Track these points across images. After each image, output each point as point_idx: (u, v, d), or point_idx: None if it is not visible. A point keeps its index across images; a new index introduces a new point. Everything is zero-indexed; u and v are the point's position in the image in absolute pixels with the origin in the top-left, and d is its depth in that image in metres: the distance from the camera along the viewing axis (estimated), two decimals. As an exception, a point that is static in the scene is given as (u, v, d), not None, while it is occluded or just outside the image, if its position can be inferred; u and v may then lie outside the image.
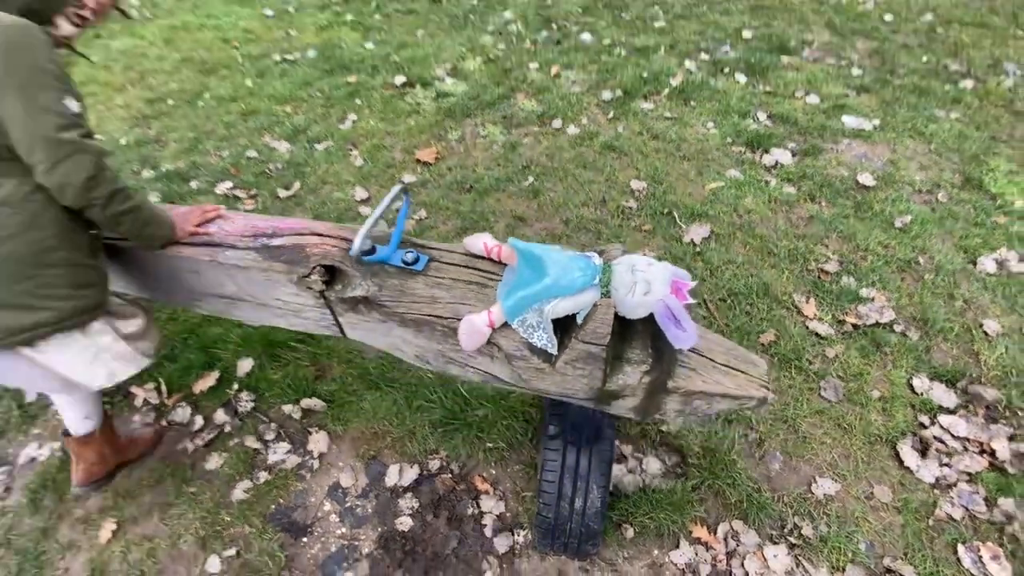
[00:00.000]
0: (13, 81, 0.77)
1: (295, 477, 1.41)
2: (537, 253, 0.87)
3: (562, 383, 0.90)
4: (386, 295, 0.96)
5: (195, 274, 1.10)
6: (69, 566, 1.28)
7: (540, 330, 0.86)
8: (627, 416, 0.98)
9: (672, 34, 3.27)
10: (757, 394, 0.90)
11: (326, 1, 3.94)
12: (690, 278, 0.84)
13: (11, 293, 0.86)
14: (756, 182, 2.21)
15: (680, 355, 0.91)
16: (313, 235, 1.03)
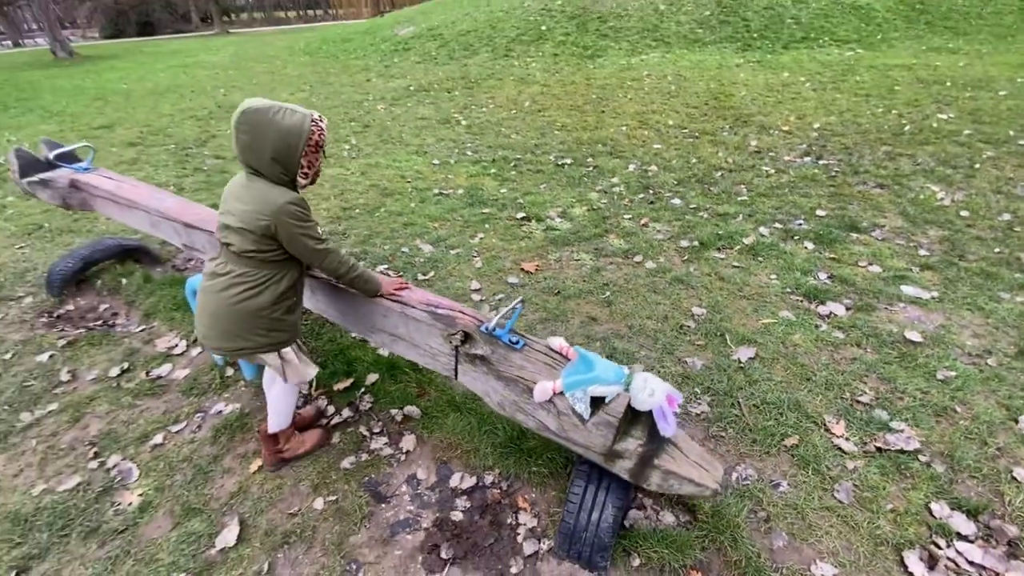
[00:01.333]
0: (292, 230, 1.45)
1: (386, 463, 1.86)
2: (590, 357, 1.39)
3: (587, 437, 1.35)
4: (494, 358, 1.51)
5: (384, 317, 1.73)
6: (224, 484, 1.80)
7: (581, 402, 1.34)
8: (624, 477, 1.37)
9: (752, 206, 3.86)
10: (712, 486, 1.31)
11: (478, 158, 5.20)
12: (682, 397, 1.31)
13: (232, 330, 1.53)
14: (807, 324, 2.53)
15: (667, 446, 1.34)
16: (461, 313, 1.63)
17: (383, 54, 12.76)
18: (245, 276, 1.51)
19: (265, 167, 1.43)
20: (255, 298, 1.52)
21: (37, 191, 2.73)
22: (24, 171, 2.71)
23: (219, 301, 1.52)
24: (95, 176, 2.73)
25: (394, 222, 3.80)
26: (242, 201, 1.46)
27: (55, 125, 7.90)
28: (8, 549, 1.60)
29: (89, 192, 2.64)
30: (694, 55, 9.94)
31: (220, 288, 1.52)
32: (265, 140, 1.39)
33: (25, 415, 2.12)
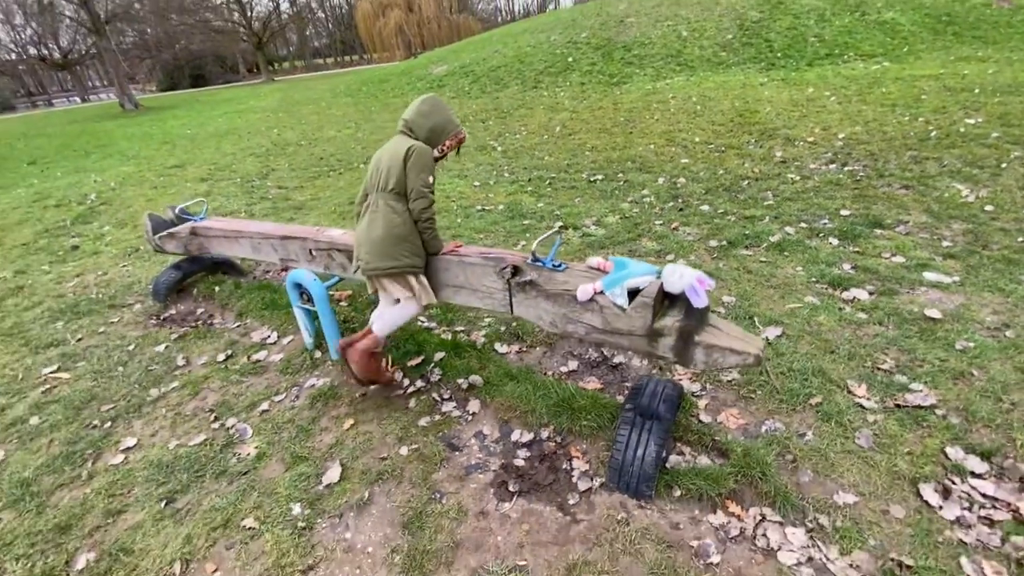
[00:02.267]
0: (415, 166, 1.91)
1: (456, 422, 2.17)
2: (625, 260, 1.68)
3: (630, 322, 1.62)
4: (541, 280, 1.82)
5: (447, 271, 2.09)
6: (323, 439, 2.14)
7: (620, 296, 1.63)
8: (668, 357, 1.63)
9: (778, 209, 4.09)
10: (753, 351, 1.52)
11: (515, 178, 5.61)
12: (712, 281, 1.58)
13: (388, 251, 1.93)
14: (831, 308, 2.73)
15: (706, 325, 1.59)
16: (509, 254, 1.97)
17: (419, 91, 13.59)
18: (392, 209, 1.97)
19: (422, 132, 2.01)
20: (401, 226, 1.98)
21: (165, 244, 3.27)
22: (155, 229, 3.25)
23: (379, 229, 1.97)
24: (209, 221, 3.24)
25: (443, 234, 4.17)
26: (393, 147, 2.00)
27: (133, 167, 8.81)
28: (156, 486, 1.98)
29: (204, 235, 3.14)
30: (718, 76, 10.27)
31: (380, 219, 1.98)
32: (435, 116, 2.02)
33: (153, 391, 2.54)
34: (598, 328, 1.73)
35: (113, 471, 2.08)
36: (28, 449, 2.24)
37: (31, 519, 1.89)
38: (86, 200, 6.69)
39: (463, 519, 1.73)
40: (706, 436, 1.96)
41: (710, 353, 1.57)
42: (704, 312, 1.59)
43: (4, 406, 2.55)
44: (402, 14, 41.25)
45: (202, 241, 3.20)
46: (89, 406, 2.48)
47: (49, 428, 2.35)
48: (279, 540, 1.70)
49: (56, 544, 1.77)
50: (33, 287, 4.01)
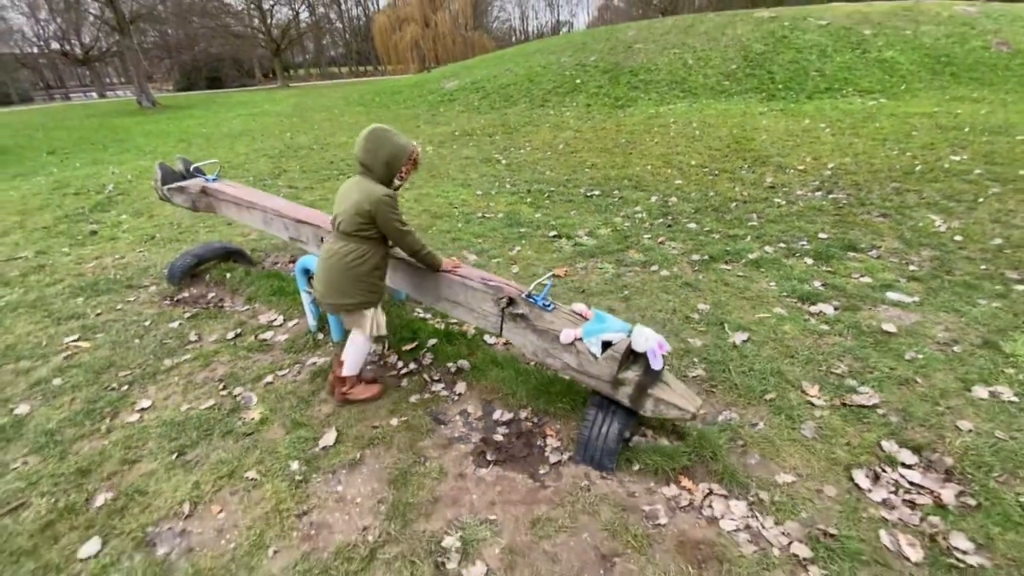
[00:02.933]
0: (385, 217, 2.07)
1: (443, 400, 2.38)
2: (604, 315, 1.93)
3: (599, 369, 1.86)
4: (531, 316, 2.05)
5: (449, 288, 2.31)
6: (321, 409, 2.35)
7: (595, 345, 1.86)
8: (624, 403, 1.86)
9: (760, 230, 4.33)
10: (692, 409, 1.80)
11: (516, 190, 5.87)
12: (668, 347, 1.83)
13: (343, 289, 2.12)
14: (797, 319, 2.95)
15: (658, 382, 1.83)
16: (507, 285, 2.19)
17: (430, 104, 14.00)
18: (353, 250, 2.12)
19: (378, 168, 2.06)
20: (360, 266, 2.13)
21: (173, 196, 3.48)
22: (164, 180, 3.48)
23: (334, 268, 2.13)
24: (221, 184, 3.47)
25: (444, 237, 4.44)
26: (353, 193, 2.09)
27: (149, 161, 9.11)
28: (168, 440, 2.18)
29: (215, 196, 3.37)
30: (720, 104, 10.62)
31: (336, 259, 2.13)
32: (383, 149, 2.04)
33: (167, 361, 2.76)
34: (572, 367, 1.96)
35: (129, 427, 2.28)
36: (51, 405, 2.45)
37: (54, 463, 2.09)
38: (104, 190, 6.97)
39: (443, 479, 1.94)
40: (667, 422, 2.16)
41: (658, 404, 1.83)
42: (658, 372, 1.84)
43: (29, 368, 2.76)
44: (418, 29, 42.18)
45: (211, 201, 3.40)
46: (108, 371, 2.69)
47: (71, 388, 2.56)
48: (278, 490, 1.90)
49: (77, 484, 1.97)
50: (54, 266, 4.24)
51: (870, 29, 12.80)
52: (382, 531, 1.72)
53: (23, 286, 3.87)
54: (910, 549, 1.63)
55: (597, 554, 1.63)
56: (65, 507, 1.87)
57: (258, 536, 1.72)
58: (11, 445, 2.21)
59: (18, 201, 6.59)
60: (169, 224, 5.28)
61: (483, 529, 1.72)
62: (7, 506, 1.89)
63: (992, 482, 1.82)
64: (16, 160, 10.11)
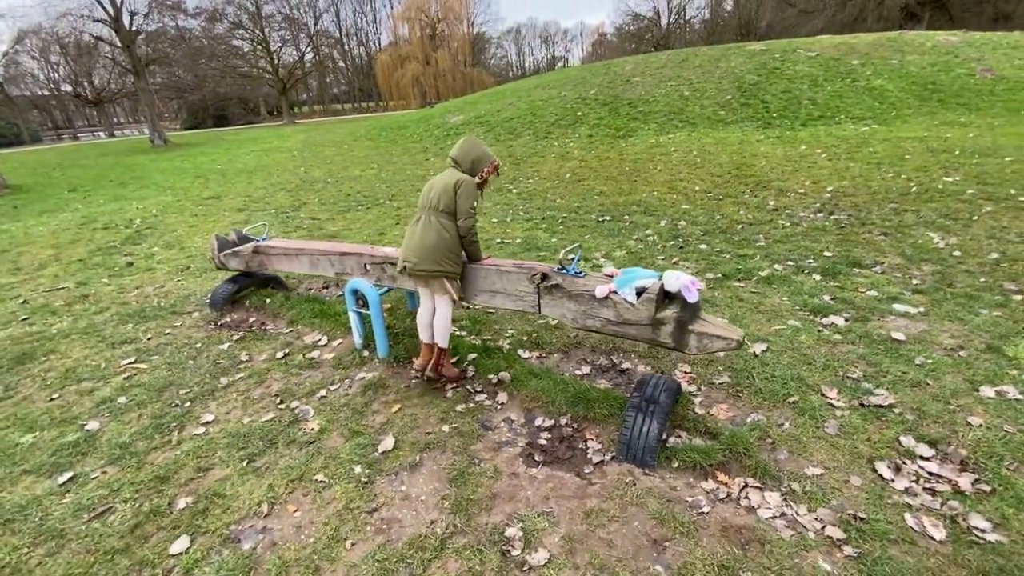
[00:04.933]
0: (463, 195, 2.39)
1: (488, 409, 2.55)
2: (632, 269, 2.13)
3: (637, 314, 2.05)
4: (565, 283, 2.26)
5: (485, 278, 2.53)
6: (375, 419, 2.52)
7: (630, 294, 2.06)
8: (668, 343, 2.04)
9: (768, 249, 4.56)
10: (736, 337, 1.94)
11: (530, 217, 6.14)
12: (702, 283, 2.02)
13: (436, 258, 2.39)
14: (811, 330, 3.14)
15: (697, 318, 2.01)
16: (538, 265, 2.42)
17: (436, 138, 14.49)
18: (442, 226, 2.45)
19: (466, 164, 2.48)
20: (448, 240, 2.46)
21: (228, 261, 3.75)
22: (221, 248, 3.74)
23: (431, 239, 2.44)
24: (270, 242, 3.73)
25: (468, 262, 4.67)
26: (445, 177, 2.49)
27: (171, 197, 9.45)
28: (237, 449, 2.35)
29: (267, 254, 3.63)
30: (718, 133, 11.04)
31: (432, 231, 2.45)
32: (474, 151, 2.49)
33: (223, 379, 2.94)
34: (612, 320, 2.15)
35: (197, 439, 2.45)
36: (120, 421, 2.62)
37: (132, 472, 2.25)
38: (132, 224, 7.25)
39: (498, 478, 2.10)
40: (700, 424, 2.33)
41: (701, 339, 1.99)
42: (696, 307, 2.01)
43: (92, 388, 2.94)
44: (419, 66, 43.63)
45: (263, 259, 3.66)
46: (168, 389, 2.87)
47: (136, 405, 2.74)
48: (346, 490, 2.06)
49: (158, 491, 2.13)
50: (97, 296, 4.46)
51: (858, 59, 13.38)
52: (448, 524, 1.88)
53: (71, 314, 4.08)
54: (933, 529, 1.79)
55: (648, 539, 1.79)
56: (150, 510, 2.03)
57: (334, 531, 1.88)
58: (87, 458, 2.37)
59: (49, 236, 6.85)
60: (201, 255, 5.52)
61: (541, 520, 1.88)
62: (94, 511, 2.05)
63: (1004, 470, 1.98)
64: (39, 198, 10.46)
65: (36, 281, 5.02)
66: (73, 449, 2.43)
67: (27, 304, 4.39)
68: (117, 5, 20.54)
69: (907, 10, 27.45)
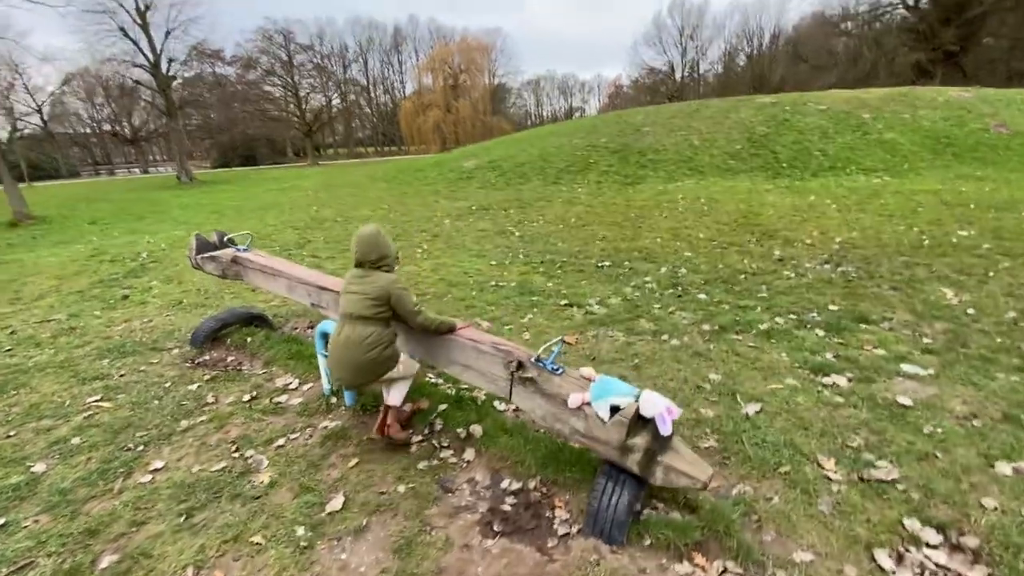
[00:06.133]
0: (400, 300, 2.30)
1: (452, 467, 2.37)
2: (610, 379, 1.99)
3: (607, 434, 1.89)
4: (540, 380, 2.12)
5: (461, 352, 2.39)
6: (330, 473, 2.35)
7: (603, 409, 1.91)
8: (632, 469, 1.87)
9: (771, 301, 4.37)
10: (702, 479, 1.79)
11: (529, 260, 6.06)
12: (679, 411, 1.88)
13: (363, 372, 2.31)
14: (810, 390, 2.93)
15: (668, 448, 1.86)
16: (517, 349, 2.28)
17: (449, 181, 14.74)
18: (371, 332, 2.31)
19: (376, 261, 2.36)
20: (382, 347, 2.33)
21: (205, 264, 3.69)
22: (199, 249, 3.70)
23: (356, 357, 2.30)
24: (250, 254, 3.68)
25: (458, 305, 4.56)
26: (364, 283, 2.34)
27: (183, 231, 9.63)
28: (177, 502, 2.19)
29: (244, 265, 3.56)
30: (726, 182, 11.02)
31: (356, 344, 2.30)
32: (379, 249, 2.37)
33: (183, 422, 2.81)
34: (580, 432, 1.99)
35: (141, 488, 2.30)
36: (68, 464, 2.49)
37: (64, 523, 2.10)
38: (138, 257, 7.35)
39: (449, 550, 1.90)
40: (678, 493, 2.12)
41: (668, 472, 1.84)
42: (668, 438, 1.87)
43: (50, 427, 2.83)
44: (441, 113, 45.29)
45: (240, 269, 3.58)
46: (125, 431, 2.75)
47: (88, 447, 2.61)
48: (282, 556, 1.88)
49: (84, 545, 1.97)
50: (84, 329, 4.43)
51: (868, 113, 13.43)
52: (384, 602, 1.68)
53: (53, 347, 4.03)
54: (941, 638, 1.53)
55: (606, 633, 1.56)
56: (70, 568, 1.87)
57: (259, 605, 1.69)
58: (24, 504, 2.24)
59: (57, 267, 6.97)
60: (196, 290, 5.51)
61: (488, 603, 1.67)
62: (14, 565, 1.89)
63: (1021, 564, 1.73)
64: (59, 229, 10.77)
65: (31, 312, 5.04)
66: (12, 493, 2.29)
67: (15, 335, 4.37)
68: (157, 52, 21.86)
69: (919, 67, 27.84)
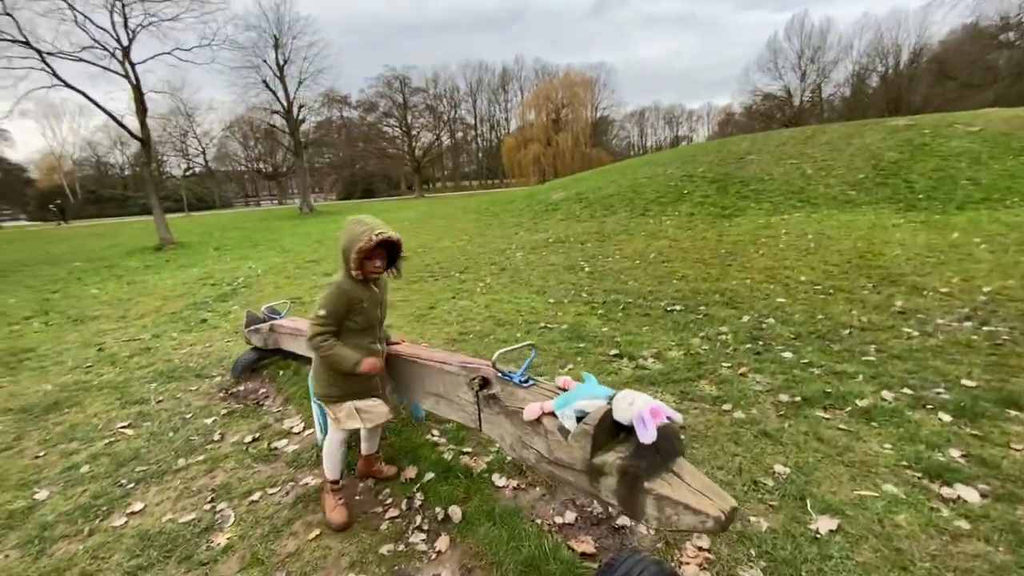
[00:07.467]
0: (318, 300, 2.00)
1: (418, 558, 1.99)
2: (589, 380, 1.52)
3: (569, 452, 1.41)
4: (503, 395, 1.71)
5: (429, 378, 2.06)
6: (286, 544, 2.09)
7: (570, 419, 1.44)
8: (611, 502, 1.35)
9: (879, 367, 3.46)
10: (713, 512, 1.20)
11: (591, 300, 5.56)
12: (678, 416, 1.36)
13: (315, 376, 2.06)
14: (919, 505, 2.13)
15: (661, 472, 1.31)
16: (483, 367, 1.89)
17: (535, 213, 14.65)
18: None
19: (341, 260, 2.02)
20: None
21: (251, 337, 3.79)
22: (247, 324, 3.80)
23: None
24: (284, 320, 3.70)
25: (498, 347, 4.21)
26: None
27: (282, 258, 10.45)
28: (130, 557, 2.05)
29: (278, 332, 3.57)
30: (844, 215, 9.61)
31: None
32: (342, 241, 2.00)
33: (181, 460, 2.75)
34: (544, 456, 1.53)
35: (109, 532, 2.21)
36: (65, 495, 2.51)
37: (28, 563, 2.05)
38: (235, 282, 8.00)
39: None
40: (691, 647, 1.54)
41: (662, 506, 1.27)
42: (655, 451, 1.31)
43: (74, 451, 2.93)
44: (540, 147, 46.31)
45: (277, 337, 3.59)
46: (129, 464, 2.75)
47: (90, 479, 2.63)
48: (191, 650, 1.62)
49: (28, 595, 1.89)
50: (156, 350, 4.75)
51: (1038, 134, 11.11)
52: None
53: (124, 368, 4.34)
54: None
55: None
56: (0, 623, 1.77)
57: None
58: (9, 534, 2.25)
59: (167, 288, 7.80)
60: (264, 317, 5.77)
61: None
62: (-38, 609, 1.85)
63: None
64: (188, 254, 12.29)
65: (127, 330, 5.57)
66: (6, 520, 2.33)
67: (101, 351, 4.80)
68: (289, 99, 24.91)
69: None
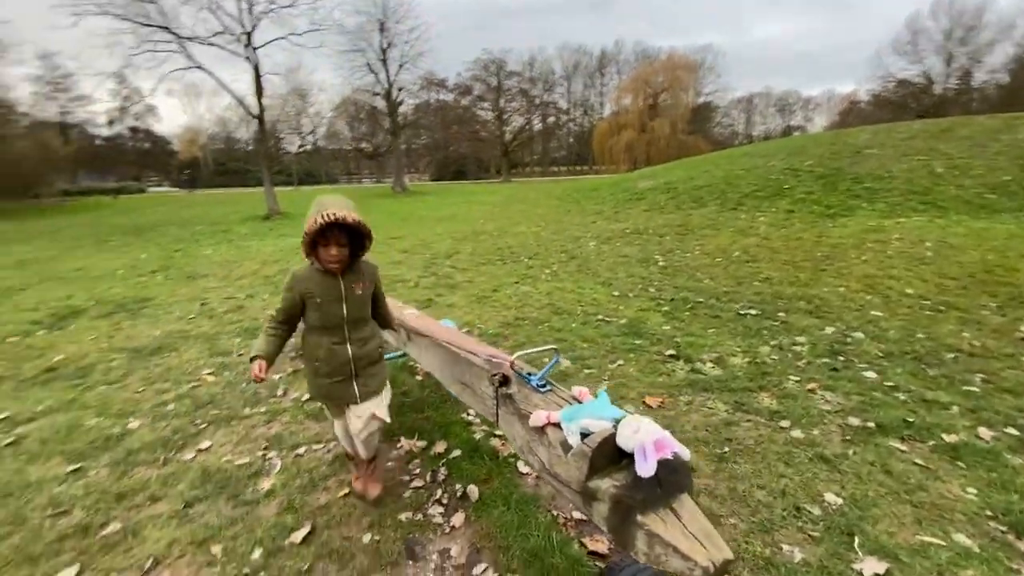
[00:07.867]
0: None
1: (432, 529, 2.06)
2: (601, 396, 1.47)
3: (567, 469, 1.38)
4: (518, 397, 1.70)
5: (456, 365, 2.10)
6: (319, 497, 2.24)
7: (574, 435, 1.40)
8: (602, 527, 1.31)
9: (981, 400, 3.00)
10: (702, 563, 1.12)
11: (658, 296, 5.33)
12: (685, 451, 1.28)
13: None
14: (995, 562, 1.84)
15: (659, 508, 1.24)
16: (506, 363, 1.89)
17: (618, 202, 14.24)
18: None
19: None
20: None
21: None
22: None
23: None
24: None
25: (550, 336, 4.19)
26: None
27: (369, 233, 11.07)
28: (191, 488, 2.32)
29: None
30: (976, 222, 8.35)
31: None
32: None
33: (247, 409, 3.05)
34: (545, 467, 1.51)
35: (179, 464, 2.52)
36: (152, 427, 2.89)
37: (112, 481, 2.40)
38: (324, 252, 8.63)
39: (365, 635, 1.60)
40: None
41: (652, 544, 1.21)
42: (666, 486, 1.24)
43: (166, 389, 3.35)
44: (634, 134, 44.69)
45: None
46: (205, 407, 3.09)
47: (173, 415, 3.00)
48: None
49: (108, 508, 2.21)
50: (247, 308, 5.27)
51: None
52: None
53: (219, 322, 4.87)
54: None
55: None
56: (83, 525, 2.09)
57: (172, 626, 1.63)
58: (104, 454, 2.63)
59: (266, 254, 8.59)
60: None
61: None
62: (58, 508, 2.20)
63: None
64: (290, 224, 13.43)
65: (227, 289, 6.23)
66: (104, 442, 2.73)
67: (204, 306, 5.42)
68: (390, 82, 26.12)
69: None
